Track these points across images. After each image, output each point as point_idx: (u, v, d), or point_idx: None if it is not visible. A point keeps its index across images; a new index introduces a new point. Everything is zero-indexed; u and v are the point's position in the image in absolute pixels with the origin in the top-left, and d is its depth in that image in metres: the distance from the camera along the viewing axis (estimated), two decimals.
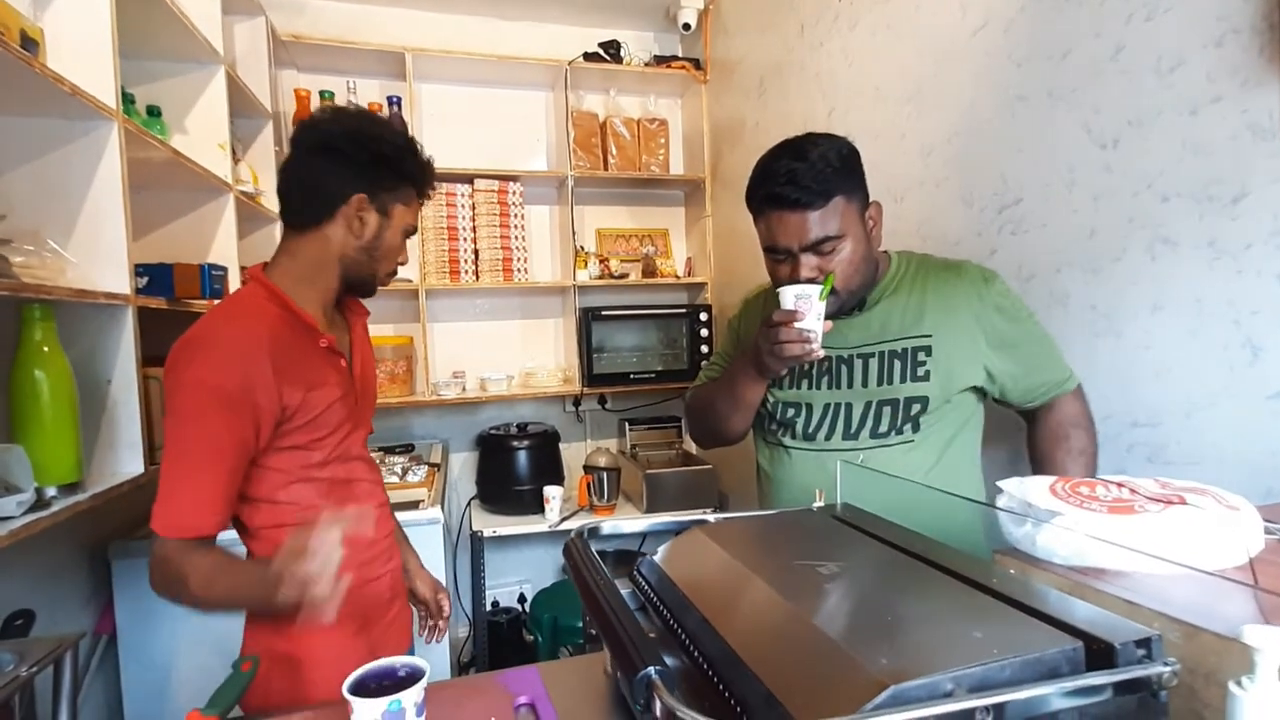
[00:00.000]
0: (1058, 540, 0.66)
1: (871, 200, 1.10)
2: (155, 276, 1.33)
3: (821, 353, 1.03)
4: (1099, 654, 0.50)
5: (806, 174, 1.00)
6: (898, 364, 1.10)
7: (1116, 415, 1.15)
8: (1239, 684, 0.41)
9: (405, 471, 2.26)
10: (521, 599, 2.71)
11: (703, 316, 2.69)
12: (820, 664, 0.51)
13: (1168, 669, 0.49)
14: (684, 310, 2.71)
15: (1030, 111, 1.29)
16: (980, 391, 1.12)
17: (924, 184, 1.57)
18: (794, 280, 1.05)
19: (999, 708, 0.45)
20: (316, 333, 1.02)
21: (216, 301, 1.58)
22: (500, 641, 2.42)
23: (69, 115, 1.16)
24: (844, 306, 1.11)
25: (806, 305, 1.02)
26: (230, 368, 0.91)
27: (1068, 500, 0.69)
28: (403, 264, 1.13)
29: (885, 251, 1.18)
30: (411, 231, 1.11)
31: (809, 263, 1.04)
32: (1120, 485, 0.72)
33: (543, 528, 2.34)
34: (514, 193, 2.62)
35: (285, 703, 0.95)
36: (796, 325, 1.01)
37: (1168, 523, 0.63)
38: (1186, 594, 0.58)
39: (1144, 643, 0.50)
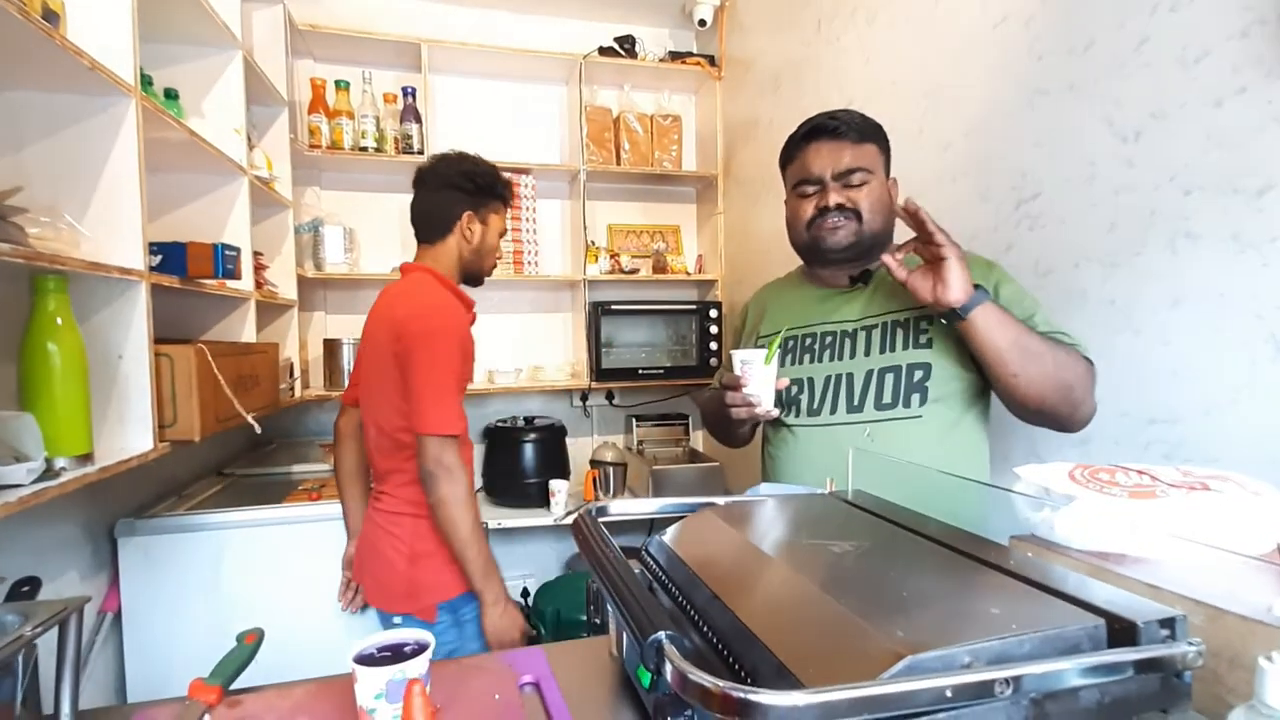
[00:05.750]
0: (1077, 525, 0.65)
1: (891, 176, 1.18)
2: (169, 254, 1.33)
3: (775, 413, 1.12)
4: (1121, 632, 0.48)
5: (846, 115, 1.15)
6: (900, 332, 1.11)
7: (1133, 413, 1.13)
8: (1269, 658, 0.40)
9: None
10: (525, 593, 2.69)
11: (712, 313, 2.68)
12: (833, 636, 0.50)
13: (1192, 649, 0.47)
14: (694, 307, 2.70)
15: (1050, 105, 1.28)
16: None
17: (941, 180, 1.55)
18: (821, 210, 1.13)
19: (1018, 680, 0.44)
20: (471, 307, 1.50)
21: (229, 282, 1.59)
22: None
23: (88, 91, 1.16)
24: (864, 244, 1.14)
25: (750, 370, 1.09)
26: (461, 321, 1.39)
27: (1087, 486, 0.68)
28: (500, 260, 1.64)
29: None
30: (504, 232, 1.58)
31: (838, 191, 1.12)
32: (1141, 473, 0.71)
33: (548, 521, 2.33)
34: (526, 185, 2.62)
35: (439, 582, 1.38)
36: (743, 390, 1.09)
37: (1191, 508, 0.62)
38: (1211, 580, 0.57)
39: (1168, 622, 0.49)
